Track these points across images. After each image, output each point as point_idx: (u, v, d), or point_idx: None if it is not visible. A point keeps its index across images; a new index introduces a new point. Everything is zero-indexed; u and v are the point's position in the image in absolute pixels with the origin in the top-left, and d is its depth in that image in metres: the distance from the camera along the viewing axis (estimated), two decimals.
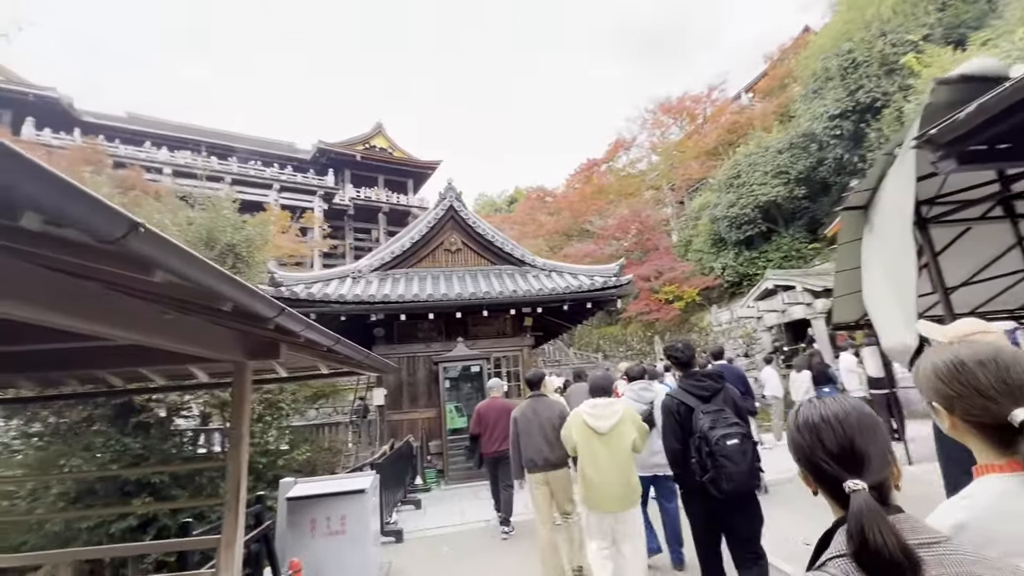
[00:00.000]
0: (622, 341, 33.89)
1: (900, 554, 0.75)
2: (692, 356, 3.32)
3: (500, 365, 10.49)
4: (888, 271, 3.31)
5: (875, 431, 0.94)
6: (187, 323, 2.14)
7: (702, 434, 2.87)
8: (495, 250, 10.58)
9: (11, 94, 28.75)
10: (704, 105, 32.79)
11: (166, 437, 6.88)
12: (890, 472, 0.93)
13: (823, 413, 0.97)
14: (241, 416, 3.37)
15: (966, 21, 13.97)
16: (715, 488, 2.78)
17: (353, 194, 39.83)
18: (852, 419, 0.95)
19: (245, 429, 3.38)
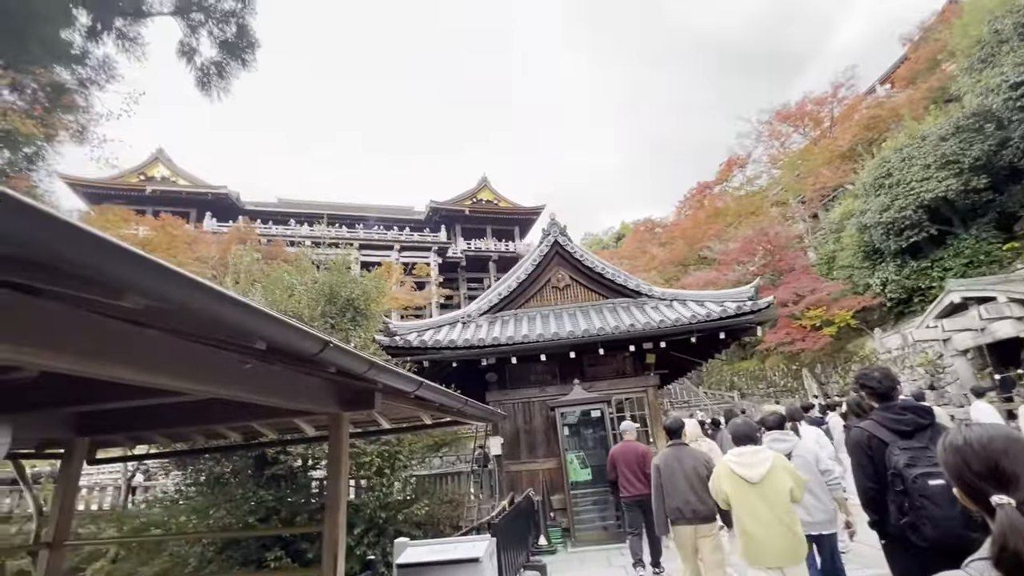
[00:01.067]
0: (761, 377, 30.16)
1: None
2: (892, 387, 2.86)
3: (623, 408, 9.48)
4: None
5: None
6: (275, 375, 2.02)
7: (896, 471, 2.52)
8: (606, 282, 9.84)
9: (196, 195, 35.62)
10: (830, 106, 29.37)
11: (298, 489, 7.04)
12: None
13: (967, 437, 1.10)
14: (338, 472, 3.05)
15: None
16: (917, 536, 2.38)
17: (464, 246, 42.07)
18: (997, 444, 1.05)
19: (343, 486, 3.05)
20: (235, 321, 1.11)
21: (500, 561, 5.11)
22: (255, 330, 1.20)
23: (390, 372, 2.36)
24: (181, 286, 0.95)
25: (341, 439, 3.08)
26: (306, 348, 1.47)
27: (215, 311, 1.05)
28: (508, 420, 9.49)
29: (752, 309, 7.97)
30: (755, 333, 8.30)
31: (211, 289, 1.03)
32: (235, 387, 1.82)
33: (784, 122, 31.85)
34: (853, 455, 2.83)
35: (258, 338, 1.26)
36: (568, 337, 8.28)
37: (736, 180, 35.26)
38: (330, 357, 1.61)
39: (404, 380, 2.56)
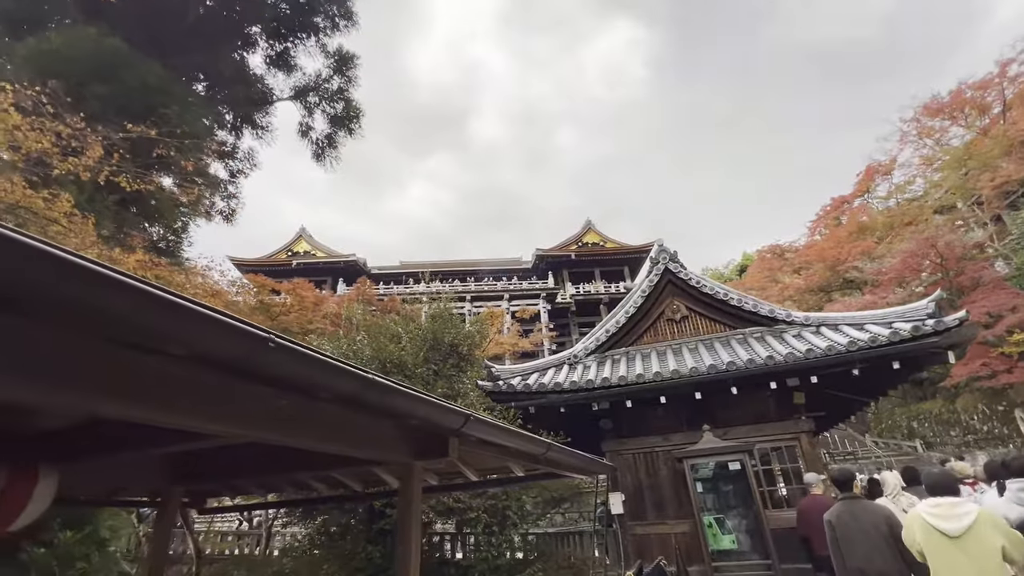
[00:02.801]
0: (952, 421, 24.49)
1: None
2: None
3: (769, 460, 7.86)
4: None
5: None
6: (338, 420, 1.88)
7: None
8: (731, 310, 8.53)
9: (332, 264, 40.24)
10: (999, 87, 24.54)
11: None
12: None
13: None
14: (408, 531, 2.57)
15: None
16: None
17: (573, 291, 41.66)
18: None
19: (414, 548, 2.54)
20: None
21: None
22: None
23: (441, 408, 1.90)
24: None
25: (412, 492, 2.62)
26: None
27: None
28: (629, 473, 8.38)
29: (936, 329, 6.18)
30: (945, 360, 6.39)
31: None
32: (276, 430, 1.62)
33: (935, 116, 27.26)
34: None
35: None
36: (690, 374, 7.16)
37: (880, 190, 30.59)
38: None
39: (450, 414, 2.11)
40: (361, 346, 7.84)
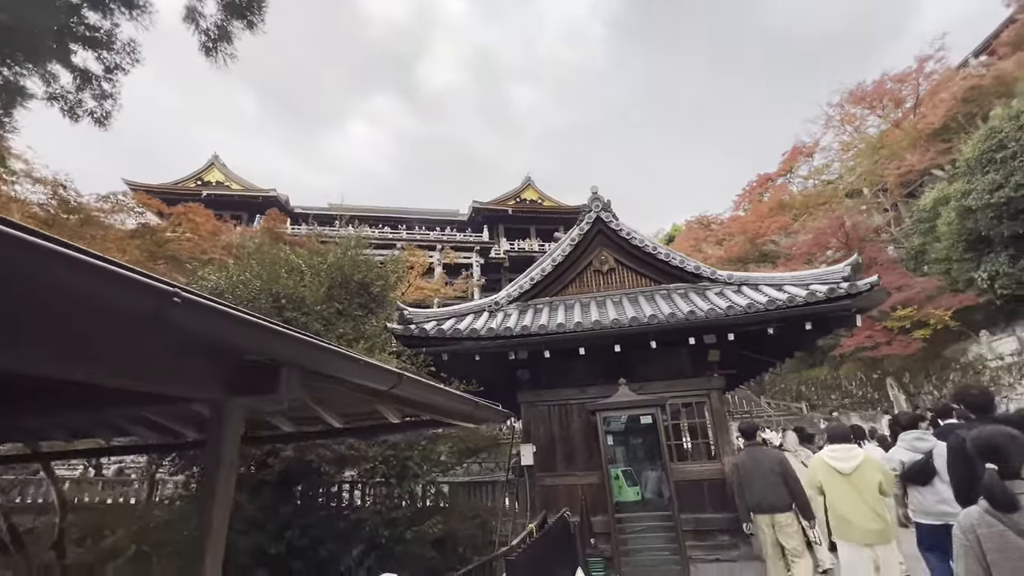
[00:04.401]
0: (834, 386, 27.08)
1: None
2: (989, 401, 3.72)
3: (679, 415, 7.91)
4: None
5: (1001, 446, 1.98)
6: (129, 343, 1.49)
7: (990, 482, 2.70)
8: (658, 264, 8.31)
9: (248, 198, 36.67)
10: (914, 83, 26.09)
11: (286, 499, 6.02)
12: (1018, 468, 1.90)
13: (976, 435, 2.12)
14: (214, 484, 1.88)
15: None
16: None
17: (507, 247, 41.20)
18: (999, 437, 1.99)
19: (219, 507, 1.86)
20: None
21: None
22: None
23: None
24: None
25: (223, 438, 1.90)
26: None
27: None
28: (542, 425, 8.15)
29: (849, 292, 6.25)
30: (853, 323, 6.54)
31: None
32: None
33: (858, 104, 28.74)
34: (953, 458, 3.37)
35: None
36: (612, 326, 6.86)
37: (802, 170, 32.26)
38: None
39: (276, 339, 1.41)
40: (251, 276, 6.77)
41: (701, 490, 7.29)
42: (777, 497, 4.65)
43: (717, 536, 7.04)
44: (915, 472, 4.16)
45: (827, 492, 4.08)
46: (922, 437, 4.40)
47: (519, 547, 4.28)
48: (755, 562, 6.71)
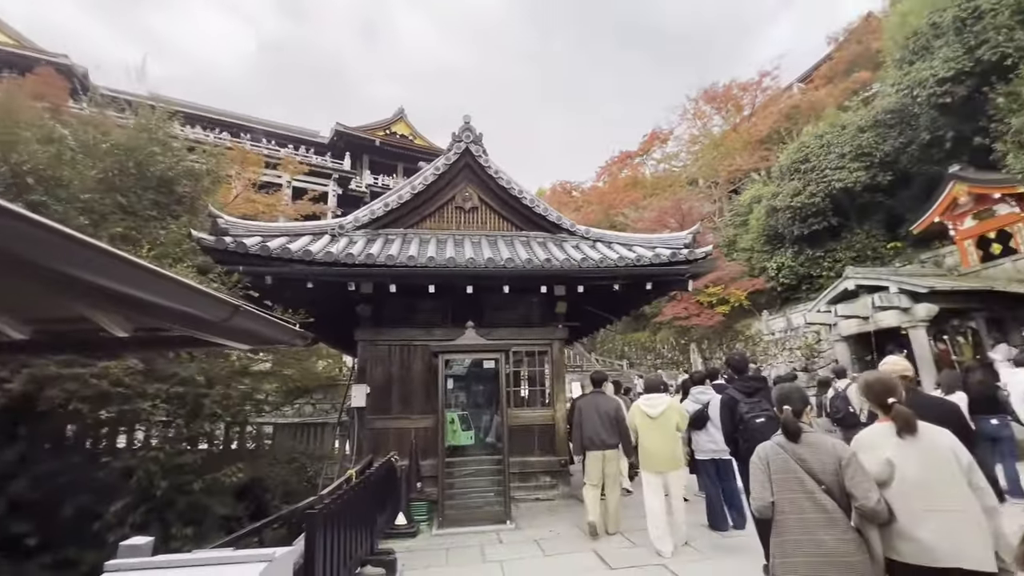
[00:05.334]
0: (651, 349, 31.07)
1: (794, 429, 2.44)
2: (746, 365, 4.71)
3: (522, 363, 7.96)
4: None
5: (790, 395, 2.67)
6: None
7: (741, 417, 4.08)
8: (522, 209, 8.06)
9: (20, 59, 27.59)
10: (754, 93, 29.83)
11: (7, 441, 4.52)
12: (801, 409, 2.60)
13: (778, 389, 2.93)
14: None
15: None
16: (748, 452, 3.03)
17: (371, 181, 38.21)
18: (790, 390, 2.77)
19: None
20: None
21: (325, 560, 3.33)
22: None
23: None
24: None
25: None
26: None
27: None
28: (380, 365, 7.53)
29: (689, 258, 6.71)
30: (686, 287, 7.12)
31: None
32: None
33: (710, 103, 31.99)
34: (721, 409, 4.36)
35: None
36: (467, 266, 6.42)
37: (657, 154, 35.28)
38: None
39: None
40: None
41: (532, 435, 7.49)
42: (608, 436, 5.31)
43: (540, 478, 7.34)
44: (695, 419, 5.29)
45: (640, 432, 4.98)
46: (704, 391, 5.52)
47: (327, 497, 3.70)
48: (571, 500, 7.16)
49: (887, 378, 2.57)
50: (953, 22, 12.37)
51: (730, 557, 4.46)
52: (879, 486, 2.26)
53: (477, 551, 5.01)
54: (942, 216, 14.71)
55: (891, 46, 15.09)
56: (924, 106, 13.58)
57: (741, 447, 4.00)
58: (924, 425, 2.31)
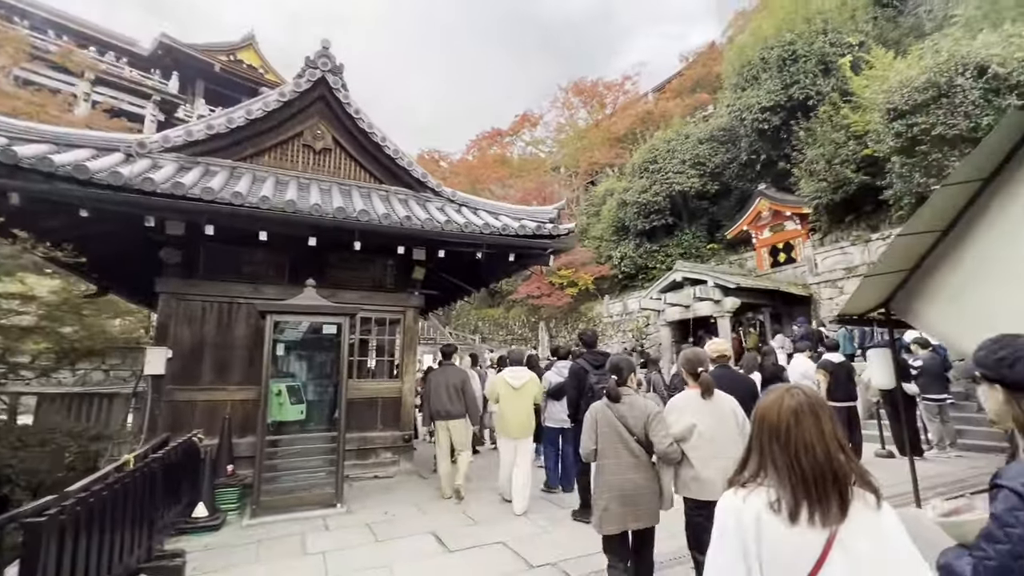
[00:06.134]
0: (503, 324, 32.05)
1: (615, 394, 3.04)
2: (595, 340, 5.34)
3: (370, 330, 7.23)
4: None
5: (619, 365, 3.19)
6: None
7: (590, 387, 4.55)
8: (384, 160, 7.21)
9: None
10: (616, 94, 32.04)
11: None
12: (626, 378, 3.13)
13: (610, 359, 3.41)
14: None
15: (892, 37, 13.96)
16: None
17: (204, 112, 32.02)
18: (619, 360, 3.25)
19: None
20: None
21: None
22: None
23: None
24: None
25: None
26: None
27: None
28: (190, 325, 6.16)
29: (553, 232, 6.65)
30: (548, 262, 7.10)
31: None
32: None
33: (578, 96, 33.55)
34: (570, 378, 4.93)
35: None
36: (311, 213, 5.45)
37: (527, 136, 36.01)
38: None
39: None
40: None
41: (375, 408, 6.87)
42: (453, 406, 5.56)
43: (381, 454, 6.79)
44: (555, 390, 5.60)
45: (501, 400, 5.29)
46: (567, 365, 5.63)
47: (74, 495, 2.70)
48: (412, 476, 6.76)
49: (700, 353, 3.21)
50: (777, 60, 14.49)
51: (561, 530, 4.51)
52: (683, 439, 2.86)
53: (297, 542, 4.31)
54: (749, 226, 17.46)
55: (729, 72, 17.18)
56: (748, 129, 15.79)
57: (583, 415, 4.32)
58: (718, 392, 2.97)
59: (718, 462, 2.71)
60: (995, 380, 1.29)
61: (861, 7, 14.32)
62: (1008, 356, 1.26)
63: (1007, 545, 1.09)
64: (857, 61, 12.56)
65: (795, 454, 1.14)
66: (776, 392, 1.27)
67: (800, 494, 1.10)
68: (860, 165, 12.33)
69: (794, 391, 1.25)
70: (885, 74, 11.08)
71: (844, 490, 1.11)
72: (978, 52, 8.31)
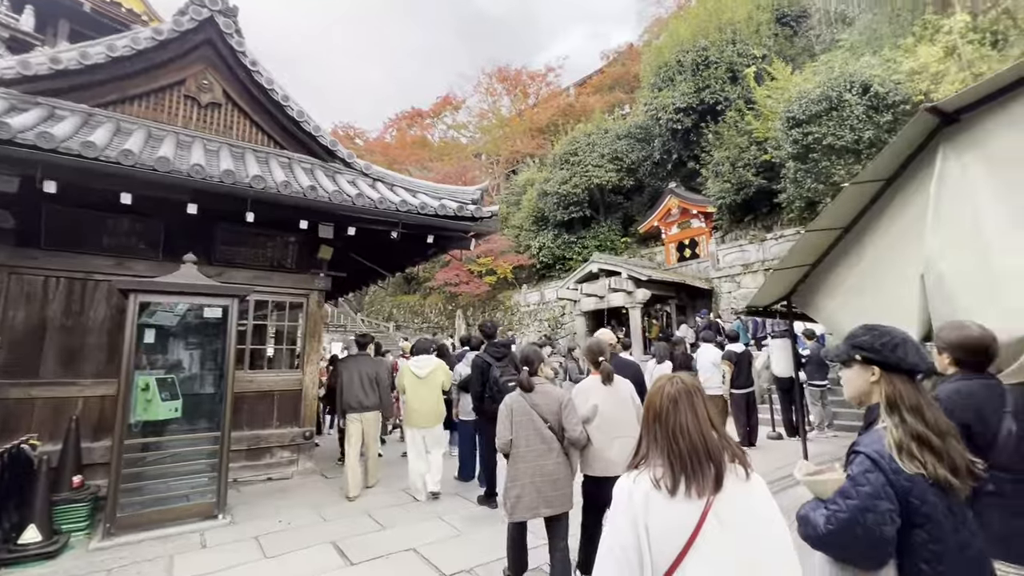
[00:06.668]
0: (419, 312, 31.17)
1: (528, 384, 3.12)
2: (495, 331, 5.24)
3: (267, 315, 6.41)
4: None
5: (530, 356, 3.26)
6: None
7: (494, 380, 4.48)
8: (286, 122, 6.35)
9: None
10: (540, 84, 32.16)
11: None
12: (536, 368, 3.22)
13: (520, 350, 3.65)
14: None
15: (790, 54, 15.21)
16: (496, 407, 3.47)
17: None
18: (529, 351, 3.32)
19: None
20: None
21: None
22: None
23: None
24: None
25: None
26: None
27: None
28: (27, 306, 4.99)
29: (476, 215, 6.28)
30: (468, 246, 6.70)
31: None
32: None
33: (502, 83, 33.22)
34: (473, 371, 4.85)
35: None
36: (193, 175, 4.58)
37: (448, 119, 35.06)
38: None
39: None
40: None
41: (270, 403, 6.11)
42: (368, 398, 5.41)
43: (277, 453, 6.06)
44: (466, 381, 5.41)
45: (407, 390, 5.19)
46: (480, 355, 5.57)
47: None
48: (314, 476, 6.13)
49: (602, 343, 3.42)
50: (691, 64, 15.20)
51: (476, 531, 4.25)
52: (586, 422, 3.10)
53: (161, 567, 3.59)
54: (659, 222, 18.33)
55: (648, 72, 17.80)
56: (663, 128, 16.48)
57: (488, 407, 4.37)
58: (618, 377, 3.27)
59: (619, 442, 3.02)
60: (876, 362, 1.45)
61: (765, 22, 15.44)
62: (889, 342, 1.44)
63: (857, 501, 1.27)
64: (760, 72, 13.52)
65: (673, 435, 1.26)
66: (660, 382, 1.40)
67: (678, 470, 1.22)
68: (759, 169, 13.33)
69: (674, 379, 1.37)
70: (785, 86, 12.00)
71: (718, 465, 1.22)
72: (863, 71, 9.20)
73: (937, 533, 1.24)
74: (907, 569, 1.26)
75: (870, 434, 1.40)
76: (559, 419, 3.04)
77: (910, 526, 1.26)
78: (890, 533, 1.23)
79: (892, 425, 1.34)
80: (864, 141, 9.04)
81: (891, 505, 1.24)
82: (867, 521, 1.24)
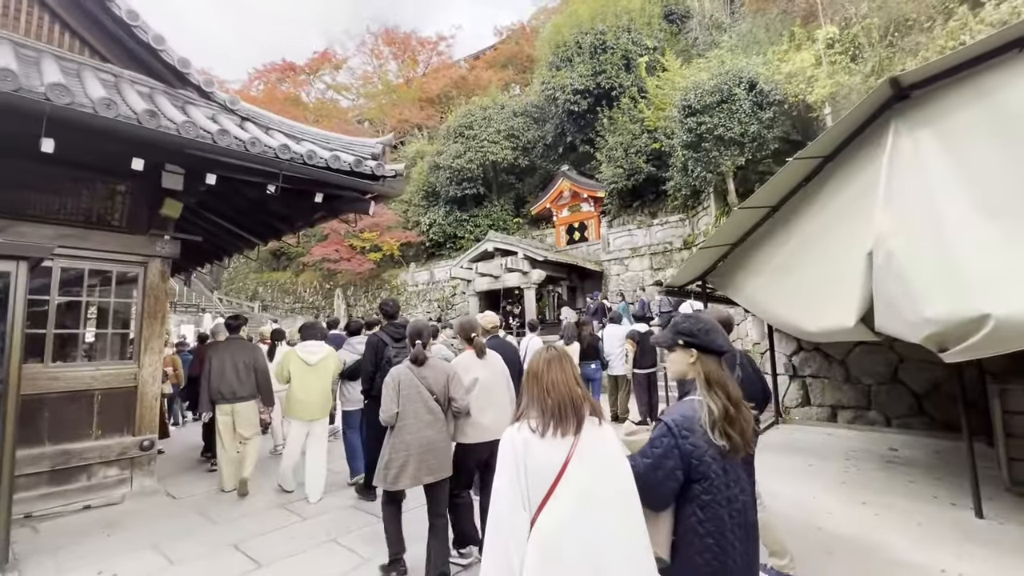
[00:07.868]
0: (291, 291, 28.16)
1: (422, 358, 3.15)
2: (396, 311, 4.58)
3: (83, 289, 4.74)
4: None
5: (421, 330, 3.26)
6: None
7: (388, 360, 4.10)
8: (110, 27, 4.64)
9: None
10: (430, 52, 30.50)
11: None
12: (426, 341, 3.27)
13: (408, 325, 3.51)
14: None
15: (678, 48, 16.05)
16: None
17: None
18: (416, 325, 3.33)
19: None
20: None
21: None
22: None
23: None
24: None
25: None
26: None
27: None
28: None
29: (376, 172, 5.25)
30: (367, 210, 5.60)
31: None
32: None
33: (389, 45, 30.89)
34: (367, 351, 4.35)
35: None
36: None
37: (327, 78, 31.72)
38: None
39: None
40: None
41: (88, 406, 4.56)
42: (242, 386, 4.95)
43: (99, 472, 4.55)
44: (351, 370, 5.05)
45: (293, 378, 4.73)
46: (361, 341, 5.24)
47: None
48: (155, 496, 4.75)
49: (473, 320, 3.70)
50: (590, 46, 15.26)
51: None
52: (468, 390, 3.25)
53: None
54: (551, 204, 18.45)
55: (545, 50, 17.57)
56: (560, 108, 16.42)
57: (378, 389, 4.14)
58: (490, 351, 3.51)
59: (492, 410, 3.27)
60: (694, 345, 1.66)
61: (656, 15, 16.05)
62: (703, 328, 1.67)
63: (649, 459, 1.57)
64: (652, 63, 14.00)
65: (546, 389, 1.59)
66: (539, 350, 1.75)
67: (549, 418, 1.54)
68: (649, 157, 13.88)
69: (550, 348, 1.74)
70: (674, 78, 12.51)
71: (579, 414, 1.57)
72: (751, 68, 9.84)
73: (710, 487, 1.51)
74: (684, 512, 1.54)
75: (679, 405, 1.65)
76: (446, 391, 3.16)
77: (690, 480, 1.54)
78: (672, 486, 1.51)
79: (710, 399, 1.56)
80: (748, 135, 9.70)
81: (675, 464, 1.51)
82: (656, 476, 1.52)
